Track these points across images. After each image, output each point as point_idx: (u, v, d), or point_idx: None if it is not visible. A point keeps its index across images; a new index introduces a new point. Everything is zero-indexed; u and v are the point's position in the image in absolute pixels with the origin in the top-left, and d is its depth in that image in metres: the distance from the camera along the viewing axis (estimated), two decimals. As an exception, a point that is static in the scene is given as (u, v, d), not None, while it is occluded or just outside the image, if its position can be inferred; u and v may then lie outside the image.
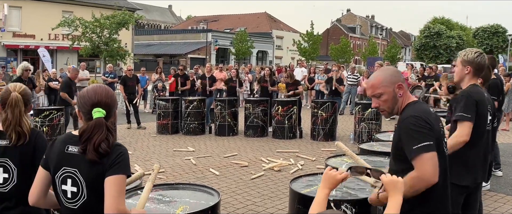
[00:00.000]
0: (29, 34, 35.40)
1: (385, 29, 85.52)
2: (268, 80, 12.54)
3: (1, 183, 2.69)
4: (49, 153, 2.32)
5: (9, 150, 2.68)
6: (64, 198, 2.26)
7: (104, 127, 2.19)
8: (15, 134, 2.65)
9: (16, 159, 2.67)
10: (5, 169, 2.68)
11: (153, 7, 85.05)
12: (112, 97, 2.32)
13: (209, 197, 3.46)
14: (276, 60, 56.30)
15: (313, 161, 8.76)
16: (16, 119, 2.67)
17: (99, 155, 2.15)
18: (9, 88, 2.76)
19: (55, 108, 9.75)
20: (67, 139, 2.29)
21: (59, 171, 2.25)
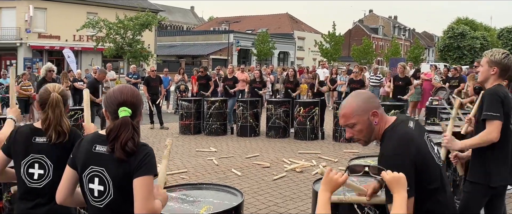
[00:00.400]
0: (54, 35, 36.01)
1: (408, 29, 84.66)
2: (292, 81, 12.51)
3: (36, 179, 2.77)
4: (76, 152, 2.37)
5: (47, 147, 2.75)
6: (91, 197, 2.30)
7: (130, 125, 2.23)
8: (55, 133, 2.73)
9: (53, 156, 2.75)
10: (41, 165, 2.76)
11: (176, 8, 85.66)
12: (138, 96, 2.36)
13: (233, 197, 3.48)
14: (298, 61, 56.20)
15: (335, 162, 8.72)
16: (57, 119, 2.74)
17: (126, 153, 2.19)
18: (48, 89, 2.82)
19: (80, 108, 9.90)
20: (95, 139, 2.33)
21: (86, 170, 2.29)
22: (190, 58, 48.87)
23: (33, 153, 2.76)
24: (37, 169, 2.76)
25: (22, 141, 2.79)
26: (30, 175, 2.77)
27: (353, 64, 25.80)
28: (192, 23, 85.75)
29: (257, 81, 12.74)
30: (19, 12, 34.54)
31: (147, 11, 30.02)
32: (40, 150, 2.76)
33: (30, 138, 2.78)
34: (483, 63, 3.58)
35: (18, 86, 13.60)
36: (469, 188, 3.57)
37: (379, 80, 16.42)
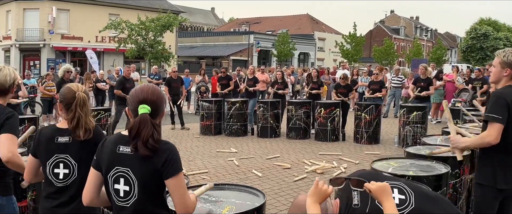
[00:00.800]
0: (77, 36, 36.49)
1: (430, 30, 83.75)
2: (316, 81, 12.47)
3: (62, 179, 2.81)
4: (100, 154, 2.39)
5: (70, 146, 2.80)
6: (116, 197, 2.33)
7: (149, 122, 2.25)
8: (83, 131, 2.78)
9: (77, 155, 2.79)
10: (65, 165, 2.80)
11: (196, 10, 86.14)
12: (158, 94, 2.37)
13: (254, 198, 3.48)
14: (318, 62, 56.01)
15: (356, 164, 8.66)
16: (85, 116, 2.79)
17: (149, 150, 2.21)
18: (72, 89, 2.87)
19: (103, 109, 10.04)
20: (118, 140, 2.35)
21: (111, 170, 2.32)
22: (211, 59, 49.06)
23: (57, 153, 2.81)
24: (62, 168, 2.81)
25: (45, 142, 2.83)
26: (55, 175, 2.82)
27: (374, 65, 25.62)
28: (213, 24, 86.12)
29: (278, 82, 12.72)
30: (42, 13, 35.11)
31: (168, 12, 30.21)
32: (64, 149, 2.80)
33: (53, 139, 2.82)
34: (495, 63, 3.48)
35: (42, 86, 13.83)
36: (479, 192, 3.53)
37: (401, 81, 16.29)
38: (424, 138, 6.42)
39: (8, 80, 3.23)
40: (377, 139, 10.90)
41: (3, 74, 3.21)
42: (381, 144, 10.83)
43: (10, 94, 3.32)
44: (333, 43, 53.49)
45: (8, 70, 3.26)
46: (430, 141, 5.98)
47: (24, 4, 35.44)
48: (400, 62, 58.71)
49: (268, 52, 50.92)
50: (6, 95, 3.28)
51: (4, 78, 3.21)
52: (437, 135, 6.94)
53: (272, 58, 49.15)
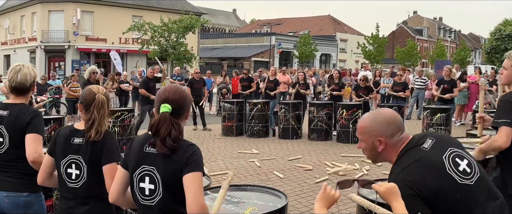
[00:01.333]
0: (101, 38, 36.97)
1: (453, 31, 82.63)
2: (337, 82, 12.43)
3: (74, 179, 2.83)
4: (128, 153, 2.44)
5: (82, 147, 2.82)
6: (141, 196, 2.36)
7: (169, 121, 2.28)
8: (95, 132, 2.79)
9: (87, 156, 2.81)
10: (77, 166, 2.82)
11: (218, 11, 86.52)
12: (181, 94, 2.39)
13: (277, 199, 3.49)
14: (340, 63, 55.74)
15: (379, 166, 8.60)
16: (100, 118, 2.82)
17: (167, 149, 2.25)
18: (93, 90, 2.89)
19: (126, 109, 10.16)
20: (145, 139, 2.39)
21: (137, 169, 2.36)
22: (232, 60, 49.20)
23: (70, 153, 2.83)
24: (74, 169, 2.83)
25: (61, 142, 2.86)
26: (68, 175, 2.84)
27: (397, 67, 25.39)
28: (234, 26, 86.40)
29: (300, 83, 12.71)
30: (67, 15, 35.66)
31: (190, 14, 30.41)
32: (77, 150, 2.82)
33: (69, 139, 2.85)
34: (507, 65, 3.36)
35: (67, 87, 14.07)
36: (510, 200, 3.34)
37: (424, 82, 16.11)
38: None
39: (28, 79, 3.26)
40: (400, 141, 10.77)
41: (23, 73, 3.24)
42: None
43: (31, 92, 3.37)
44: (355, 44, 53.16)
45: (28, 69, 3.29)
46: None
47: (49, 6, 36.05)
48: (423, 63, 58.02)
49: (290, 53, 50.86)
50: (27, 93, 3.32)
51: (24, 77, 3.24)
52: (461, 138, 6.86)
53: (294, 59, 49.07)
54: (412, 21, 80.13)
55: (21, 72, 3.24)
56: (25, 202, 3.17)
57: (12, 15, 40.77)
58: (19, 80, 3.23)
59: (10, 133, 3.16)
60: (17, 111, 3.18)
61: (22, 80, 3.23)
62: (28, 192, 3.19)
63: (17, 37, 40.03)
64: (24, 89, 3.27)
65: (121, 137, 9.44)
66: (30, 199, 3.20)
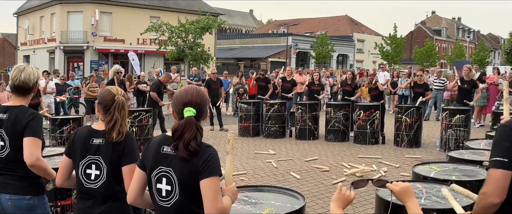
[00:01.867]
0: (119, 38, 37.29)
1: (472, 31, 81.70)
2: (350, 84, 12.37)
3: (93, 180, 2.84)
4: (146, 154, 2.44)
5: (102, 148, 2.83)
6: (158, 197, 2.37)
7: (194, 125, 2.28)
8: (117, 133, 2.80)
9: (107, 157, 2.82)
10: (97, 166, 2.83)
11: (235, 12, 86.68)
12: (203, 97, 2.40)
13: (294, 200, 3.48)
14: (357, 63, 55.43)
15: (396, 168, 8.54)
16: (121, 120, 2.83)
17: (190, 152, 2.24)
18: (112, 92, 2.90)
19: (144, 110, 10.22)
20: (162, 140, 2.40)
21: (155, 170, 2.37)
22: (249, 61, 49.24)
23: (90, 154, 2.84)
24: (94, 170, 2.83)
25: (80, 142, 2.87)
26: (87, 175, 2.85)
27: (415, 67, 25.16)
28: (251, 26, 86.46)
29: (315, 83, 12.66)
30: (85, 16, 36.04)
31: (208, 14, 30.51)
32: (97, 151, 2.83)
33: (88, 140, 2.86)
34: None
35: (86, 87, 14.21)
36: None
37: (443, 83, 15.95)
38: (467, 142, 6.28)
39: (32, 79, 3.24)
40: (418, 142, 10.70)
41: (27, 73, 3.22)
42: (422, 148, 10.63)
43: (32, 93, 3.32)
44: (372, 44, 52.80)
45: (32, 69, 3.28)
46: (474, 145, 5.85)
47: (68, 7, 36.47)
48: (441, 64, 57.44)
49: (306, 53, 50.73)
50: (28, 94, 3.29)
51: (28, 76, 3.22)
52: (481, 139, 6.78)
53: (311, 60, 48.93)
54: (431, 21, 79.39)
55: (25, 71, 3.22)
56: (28, 205, 3.17)
57: (31, 16, 41.32)
58: (23, 79, 3.21)
59: (10, 137, 3.14)
60: (16, 114, 3.14)
61: (26, 79, 3.21)
62: (31, 195, 3.18)
63: (36, 38, 40.57)
64: (27, 89, 3.24)
65: (138, 137, 9.50)
66: (33, 202, 3.19)
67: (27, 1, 44.16)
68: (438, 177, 4.08)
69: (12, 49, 52.31)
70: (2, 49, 56.75)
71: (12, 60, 49.63)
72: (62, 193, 4.65)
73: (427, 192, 3.69)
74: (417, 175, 4.33)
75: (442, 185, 3.85)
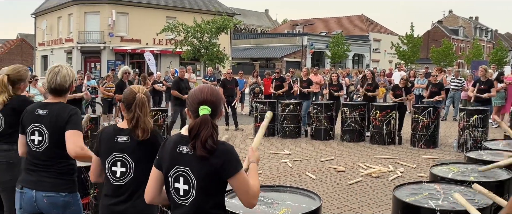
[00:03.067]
0: (135, 39, 37.53)
1: (490, 31, 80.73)
2: (371, 83, 12.28)
3: (119, 177, 2.91)
4: (162, 153, 2.46)
5: (128, 146, 2.89)
6: (176, 196, 2.39)
7: (210, 123, 2.29)
8: (142, 131, 2.87)
9: (134, 154, 2.88)
10: (123, 163, 2.89)
11: (250, 12, 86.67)
12: (218, 95, 2.41)
13: (310, 201, 3.47)
14: (373, 63, 55.09)
15: (413, 168, 8.46)
16: (144, 117, 2.90)
17: (207, 151, 2.25)
18: (134, 90, 2.97)
19: (160, 109, 10.28)
20: (178, 140, 2.41)
21: (172, 170, 2.38)
22: (264, 60, 49.22)
23: (115, 152, 2.90)
24: (120, 167, 2.89)
25: (106, 141, 2.94)
26: (113, 172, 2.91)
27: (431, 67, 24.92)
28: (266, 26, 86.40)
29: (334, 84, 12.60)
30: (102, 17, 36.33)
31: (223, 14, 30.57)
32: (122, 148, 2.89)
33: (113, 138, 2.92)
34: None
35: (103, 87, 14.32)
36: None
37: (460, 83, 15.78)
38: (485, 142, 6.20)
39: (67, 80, 3.33)
40: (435, 143, 10.60)
41: (63, 75, 3.31)
42: (439, 148, 10.52)
43: (68, 93, 3.45)
44: (388, 44, 52.46)
45: (67, 70, 3.36)
46: (492, 146, 5.77)
47: (85, 7, 36.81)
48: (459, 63, 56.82)
49: (322, 53, 50.56)
50: (65, 94, 3.40)
51: (64, 78, 3.31)
52: (499, 140, 6.68)
53: (326, 59, 48.74)
54: (448, 20, 78.61)
55: (60, 74, 3.31)
56: (64, 202, 3.23)
57: (49, 16, 41.79)
58: (59, 82, 3.30)
59: (50, 131, 3.23)
60: (57, 110, 3.25)
61: (62, 81, 3.31)
62: (67, 192, 3.25)
63: (54, 38, 41.01)
64: (63, 90, 3.35)
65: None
66: (68, 199, 3.25)
67: (44, 2, 44.69)
68: (456, 178, 4.04)
69: (30, 49, 52.95)
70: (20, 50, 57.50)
71: (30, 60, 50.26)
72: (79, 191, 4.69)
73: (445, 193, 3.65)
74: (435, 176, 4.29)
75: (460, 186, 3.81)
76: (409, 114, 12.30)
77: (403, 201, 3.42)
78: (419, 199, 3.49)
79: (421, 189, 3.79)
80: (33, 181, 3.24)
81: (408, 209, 3.34)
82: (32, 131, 3.27)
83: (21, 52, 57.02)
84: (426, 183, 3.98)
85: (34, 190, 3.21)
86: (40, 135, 3.25)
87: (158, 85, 16.07)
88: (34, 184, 3.23)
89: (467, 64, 53.44)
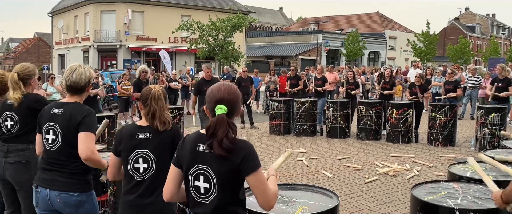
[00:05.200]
0: (151, 37, 37.73)
1: (507, 28, 79.71)
2: (388, 81, 12.20)
3: (142, 173, 2.97)
4: (181, 152, 2.47)
5: (150, 142, 2.96)
6: (196, 194, 2.40)
7: (226, 123, 2.29)
8: (161, 123, 2.95)
9: (155, 150, 2.95)
10: (145, 159, 2.95)
11: (265, 10, 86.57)
12: (235, 93, 2.40)
13: (327, 199, 3.46)
14: (389, 61, 54.71)
15: (430, 167, 8.40)
16: (160, 110, 2.96)
17: (224, 150, 2.26)
18: (150, 87, 3.08)
19: (176, 107, 10.30)
20: (197, 138, 2.42)
21: (192, 168, 2.39)
22: (279, 58, 49.16)
23: (137, 148, 2.96)
24: (142, 163, 2.95)
25: (127, 138, 2.99)
26: (136, 169, 2.97)
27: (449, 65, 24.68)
28: (281, 24, 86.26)
29: (350, 82, 12.55)
30: (118, 15, 36.59)
31: (238, 13, 30.59)
32: (144, 145, 2.95)
33: (134, 135, 2.98)
34: None
35: (119, 85, 14.43)
36: None
37: (478, 81, 15.62)
38: (503, 141, 6.12)
39: (83, 79, 3.34)
40: (452, 141, 10.50)
41: (78, 73, 3.33)
42: (456, 147, 10.43)
43: (86, 92, 3.44)
44: (404, 41, 52.05)
45: (84, 69, 3.38)
46: (510, 144, 5.70)
47: (101, 6, 37.10)
48: (476, 61, 56.21)
49: (337, 51, 50.35)
50: (82, 93, 3.40)
51: (79, 76, 3.32)
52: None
53: (341, 57, 48.54)
54: (464, 17, 77.78)
55: (76, 72, 3.33)
56: (76, 202, 3.26)
57: (65, 15, 42.19)
58: (74, 79, 3.32)
59: (64, 131, 3.25)
60: (71, 109, 3.27)
61: (77, 79, 3.32)
62: (79, 191, 3.27)
63: (70, 37, 41.40)
64: (78, 88, 3.35)
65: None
66: (81, 198, 3.28)
67: (61, 1, 45.13)
68: (475, 176, 4.00)
69: (47, 48, 53.56)
70: (38, 48, 58.21)
71: (48, 59, 50.81)
72: (97, 189, 4.74)
73: (463, 192, 3.62)
74: (453, 175, 4.26)
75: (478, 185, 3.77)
76: (426, 112, 12.20)
77: (421, 200, 3.40)
78: (437, 198, 3.47)
79: (439, 188, 3.76)
80: (47, 180, 3.28)
81: (427, 208, 3.32)
82: (47, 129, 3.31)
83: (38, 51, 57.72)
84: (444, 182, 3.95)
85: (47, 189, 3.25)
86: (54, 134, 3.29)
87: (173, 83, 16.15)
88: (48, 183, 3.26)
89: (484, 61, 52.80)
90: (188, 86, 17.18)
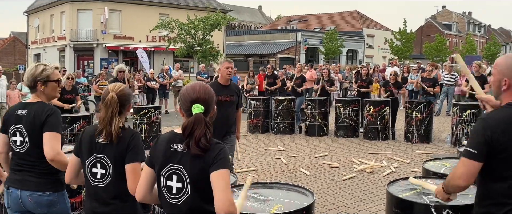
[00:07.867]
0: (128, 36, 37.37)
1: (483, 26, 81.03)
2: (365, 79, 12.29)
3: (99, 178, 2.82)
4: (154, 152, 2.43)
5: (107, 147, 2.79)
6: (168, 194, 2.36)
7: (203, 122, 2.28)
8: (106, 132, 2.75)
9: (111, 156, 2.78)
10: (102, 165, 2.81)
11: (244, 8, 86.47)
12: (210, 93, 2.39)
13: (303, 197, 3.46)
14: (367, 59, 55.14)
15: (407, 163, 8.48)
16: (107, 118, 2.76)
17: (201, 149, 2.24)
18: (109, 89, 2.86)
19: (153, 107, 10.22)
20: (171, 138, 2.38)
21: (164, 168, 2.35)
22: (258, 57, 49.13)
23: (95, 153, 2.81)
24: (99, 168, 2.81)
25: (87, 141, 2.85)
26: (93, 174, 2.83)
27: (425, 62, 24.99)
28: (260, 22, 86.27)
29: (325, 79, 12.60)
30: (95, 14, 36.15)
31: (217, 11, 30.51)
32: (101, 150, 2.80)
33: (94, 138, 2.82)
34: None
35: (96, 85, 14.26)
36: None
37: (454, 78, 15.82)
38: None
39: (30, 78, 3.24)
40: (428, 138, 10.62)
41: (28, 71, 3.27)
42: (433, 143, 10.55)
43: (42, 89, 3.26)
44: (382, 40, 52.51)
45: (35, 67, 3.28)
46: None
47: (78, 5, 36.61)
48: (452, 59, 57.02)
49: (316, 49, 50.55)
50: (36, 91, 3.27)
51: (26, 75, 3.26)
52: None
53: (320, 55, 48.75)
54: (441, 16, 78.81)
55: (29, 70, 3.28)
56: (48, 202, 3.20)
57: (41, 14, 41.55)
58: (25, 78, 3.28)
59: (30, 132, 3.18)
60: (35, 110, 3.19)
61: (27, 77, 3.26)
62: (51, 191, 3.21)
63: (46, 36, 40.78)
64: (30, 87, 3.28)
65: (148, 134, 9.52)
66: (52, 198, 3.21)
67: (37, 0, 44.42)
68: (448, 173, 4.03)
69: (23, 48, 52.66)
70: (13, 48, 57.16)
71: (23, 58, 49.97)
72: (71, 190, 4.66)
73: (438, 188, 3.64)
74: (428, 171, 4.29)
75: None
76: (402, 109, 12.33)
77: (397, 197, 3.41)
78: (413, 194, 3.49)
79: (415, 184, 3.78)
80: (18, 180, 3.21)
81: (402, 205, 3.34)
82: (14, 131, 3.23)
83: (14, 50, 56.67)
84: (419, 178, 3.98)
85: (19, 190, 3.18)
86: (21, 136, 3.21)
87: (151, 82, 16.02)
88: (19, 184, 3.20)
89: (461, 59, 53.58)
90: (165, 85, 17.03)
